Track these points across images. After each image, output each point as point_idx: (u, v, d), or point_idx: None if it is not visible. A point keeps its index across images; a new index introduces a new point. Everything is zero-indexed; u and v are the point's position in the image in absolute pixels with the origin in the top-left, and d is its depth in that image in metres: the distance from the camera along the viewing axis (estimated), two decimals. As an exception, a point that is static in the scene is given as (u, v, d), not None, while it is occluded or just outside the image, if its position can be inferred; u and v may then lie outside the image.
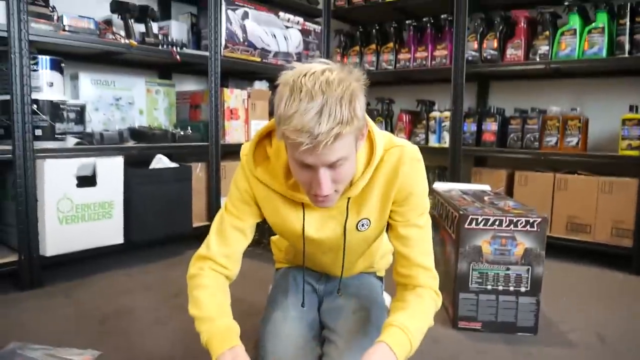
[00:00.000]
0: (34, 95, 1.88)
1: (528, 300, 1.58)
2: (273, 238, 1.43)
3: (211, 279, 1.08)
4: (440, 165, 3.03)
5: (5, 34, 1.76)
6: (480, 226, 1.58)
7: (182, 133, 2.44)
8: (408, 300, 1.03)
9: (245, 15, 2.69)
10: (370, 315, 1.15)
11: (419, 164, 1.04)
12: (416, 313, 1.00)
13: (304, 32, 3.09)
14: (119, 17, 2.26)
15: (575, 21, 2.44)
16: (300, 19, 3.05)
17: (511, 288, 1.58)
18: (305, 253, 1.16)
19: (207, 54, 2.52)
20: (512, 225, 1.56)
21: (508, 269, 1.58)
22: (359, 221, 1.08)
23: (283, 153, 1.03)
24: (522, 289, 1.58)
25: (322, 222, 1.09)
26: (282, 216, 1.09)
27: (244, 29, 2.68)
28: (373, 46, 3.19)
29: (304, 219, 1.08)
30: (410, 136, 3.08)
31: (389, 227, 1.12)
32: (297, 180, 0.97)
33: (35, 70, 1.95)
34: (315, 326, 1.18)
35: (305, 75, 0.84)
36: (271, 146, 1.06)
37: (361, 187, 1.03)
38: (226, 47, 2.59)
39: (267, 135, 1.08)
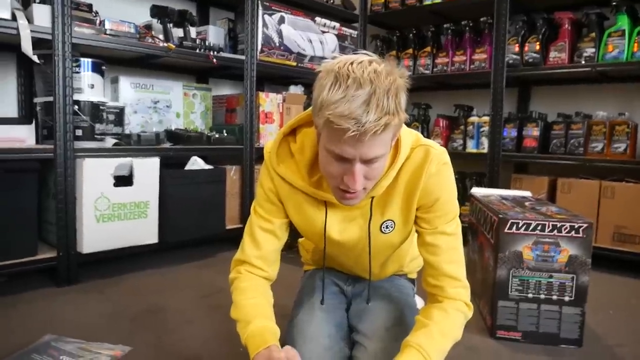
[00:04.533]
0: (76, 97, 1.94)
1: (572, 311, 1.49)
2: (300, 240, 1.40)
3: (248, 281, 1.07)
4: (478, 172, 2.94)
5: (49, 37, 1.82)
6: (521, 231, 1.50)
7: (217, 136, 2.46)
8: (432, 316, 0.98)
9: (281, 20, 2.70)
10: (401, 318, 1.11)
11: (445, 168, 0.99)
12: (438, 331, 0.95)
13: (340, 37, 3.08)
14: (159, 21, 2.31)
15: (624, 22, 2.33)
16: (337, 24, 3.04)
17: (554, 297, 1.50)
18: (329, 254, 1.14)
19: (243, 57, 2.54)
20: (555, 231, 1.48)
21: (551, 277, 1.49)
22: (383, 222, 1.05)
23: (308, 150, 1.00)
24: (566, 299, 1.49)
25: (344, 222, 1.06)
26: (304, 215, 1.07)
27: (280, 34, 2.69)
28: (410, 51, 3.16)
29: (326, 218, 1.05)
30: (448, 142, 3.01)
31: (417, 234, 1.08)
32: (325, 173, 0.94)
33: (77, 72, 2.01)
34: (343, 327, 1.14)
35: (352, 63, 0.82)
36: (295, 143, 1.04)
37: (385, 187, 0.99)
38: (262, 51, 2.60)
39: (290, 133, 1.06)
